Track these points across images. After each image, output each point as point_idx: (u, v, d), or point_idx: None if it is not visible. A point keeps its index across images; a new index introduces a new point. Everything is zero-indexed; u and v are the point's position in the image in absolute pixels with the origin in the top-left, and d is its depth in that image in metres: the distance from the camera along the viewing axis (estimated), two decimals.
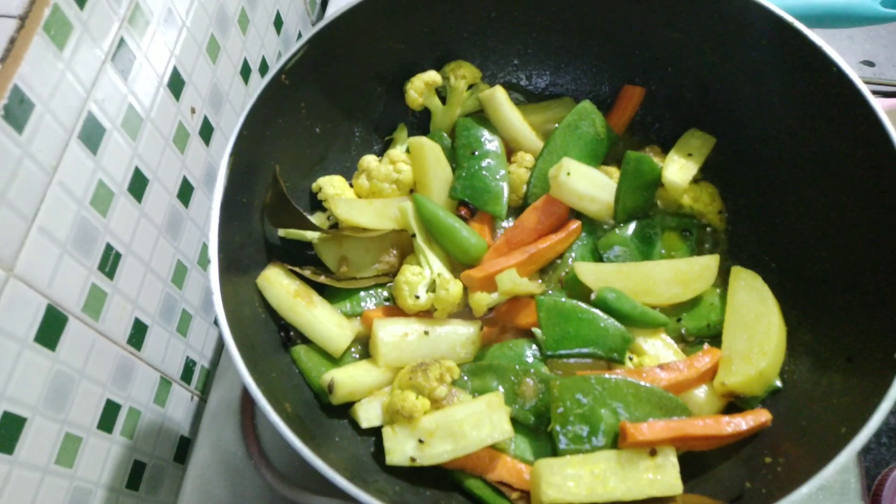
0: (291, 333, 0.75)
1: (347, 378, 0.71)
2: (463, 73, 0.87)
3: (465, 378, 0.72)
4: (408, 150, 0.85)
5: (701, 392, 0.71)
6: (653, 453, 0.64)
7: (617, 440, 0.66)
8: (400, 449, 0.66)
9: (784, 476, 0.58)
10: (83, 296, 0.66)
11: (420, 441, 0.66)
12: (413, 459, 0.66)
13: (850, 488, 0.76)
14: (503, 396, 0.69)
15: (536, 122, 0.89)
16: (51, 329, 0.61)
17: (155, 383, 0.80)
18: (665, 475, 0.63)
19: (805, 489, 0.52)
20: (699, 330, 0.76)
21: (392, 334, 0.73)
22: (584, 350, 0.72)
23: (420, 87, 0.86)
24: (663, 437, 0.65)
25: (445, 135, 0.88)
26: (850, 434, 0.54)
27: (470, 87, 0.88)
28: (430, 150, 0.82)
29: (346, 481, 0.55)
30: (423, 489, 0.67)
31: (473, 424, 0.66)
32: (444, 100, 0.90)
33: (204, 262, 0.89)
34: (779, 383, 0.70)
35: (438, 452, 0.66)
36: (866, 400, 0.55)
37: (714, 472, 0.67)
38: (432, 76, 0.86)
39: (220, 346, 0.95)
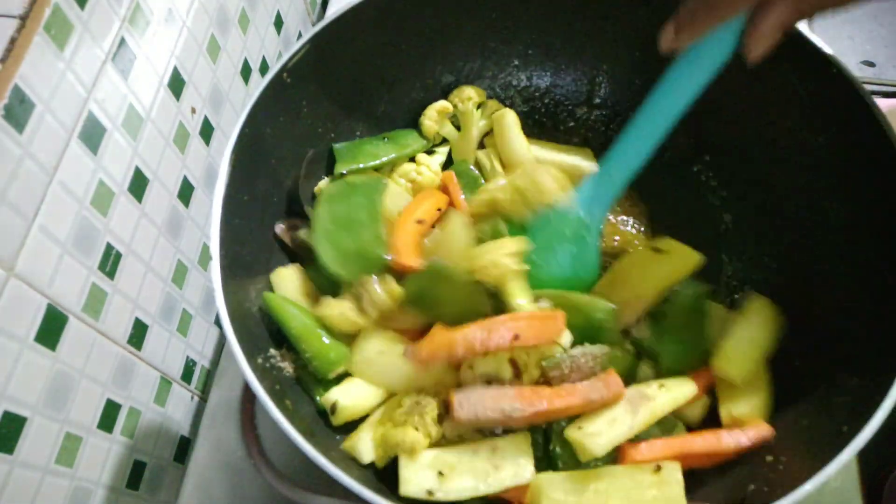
0: None
1: (350, 402, 0.69)
2: (468, 96, 0.87)
3: None
4: (445, 168, 0.86)
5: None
6: (657, 469, 0.61)
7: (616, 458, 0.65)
8: (416, 480, 0.62)
9: (786, 475, 0.58)
10: (83, 295, 0.66)
11: (440, 473, 0.62)
12: (431, 493, 0.61)
13: (850, 488, 0.76)
14: (529, 436, 0.65)
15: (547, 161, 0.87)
16: (51, 329, 0.61)
17: (155, 383, 0.80)
18: (669, 491, 0.60)
19: (808, 486, 0.52)
20: None
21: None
22: None
23: (434, 116, 0.87)
24: (663, 455, 0.63)
25: (472, 167, 0.88)
26: (852, 432, 0.54)
27: (479, 105, 0.88)
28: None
29: (350, 479, 0.55)
30: None
31: (497, 464, 0.62)
32: (458, 128, 0.90)
33: (204, 261, 0.89)
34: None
35: (459, 488, 0.61)
36: (868, 398, 0.55)
37: (716, 475, 0.67)
38: (443, 104, 0.87)
39: (221, 346, 0.95)
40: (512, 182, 0.74)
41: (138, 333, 0.76)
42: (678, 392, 0.67)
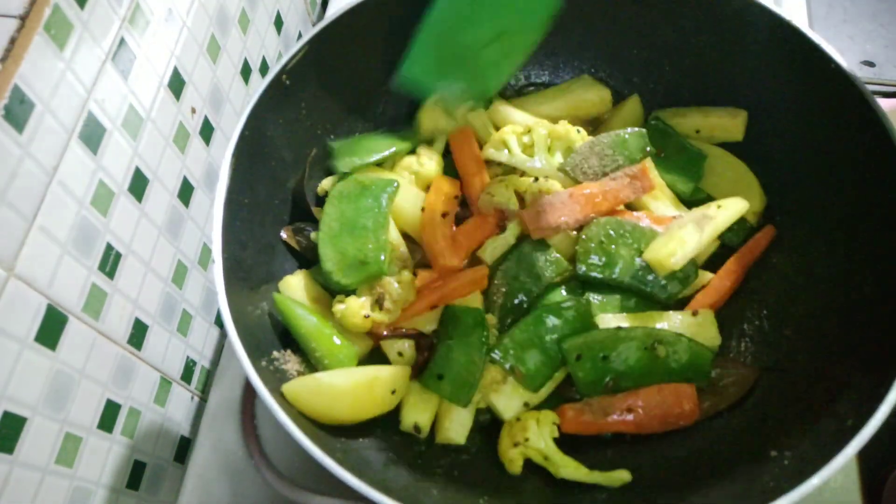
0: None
1: (426, 419, 0.73)
2: None
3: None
4: (445, 154, 0.87)
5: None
6: (695, 314, 0.73)
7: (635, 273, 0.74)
8: (511, 403, 0.71)
9: (792, 469, 0.58)
10: (83, 296, 0.66)
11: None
12: (527, 404, 0.72)
13: (850, 488, 0.76)
14: None
15: (557, 112, 0.88)
16: (51, 329, 0.61)
17: (155, 383, 0.80)
18: (706, 330, 0.73)
19: (815, 480, 0.52)
20: None
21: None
22: None
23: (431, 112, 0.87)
24: (729, 285, 0.76)
25: None
26: (857, 425, 0.54)
27: None
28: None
29: (355, 479, 0.55)
30: (429, 487, 0.67)
31: None
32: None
33: (204, 262, 0.89)
34: None
35: (543, 393, 0.73)
36: (873, 391, 0.55)
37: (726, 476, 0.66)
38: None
39: (221, 346, 0.95)
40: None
41: (138, 333, 0.76)
42: (733, 209, 0.76)
